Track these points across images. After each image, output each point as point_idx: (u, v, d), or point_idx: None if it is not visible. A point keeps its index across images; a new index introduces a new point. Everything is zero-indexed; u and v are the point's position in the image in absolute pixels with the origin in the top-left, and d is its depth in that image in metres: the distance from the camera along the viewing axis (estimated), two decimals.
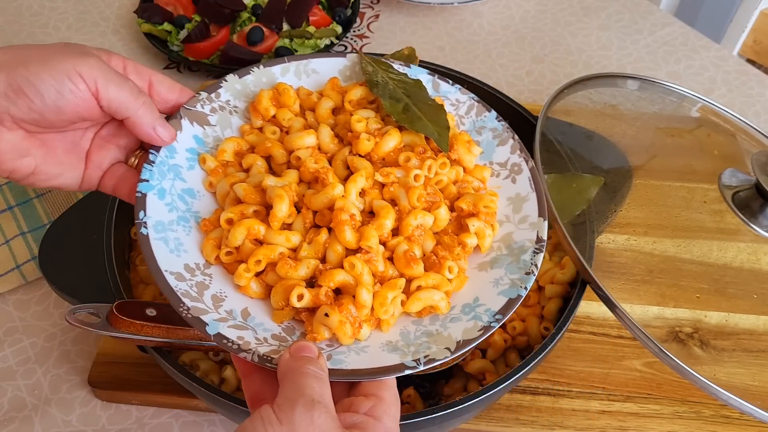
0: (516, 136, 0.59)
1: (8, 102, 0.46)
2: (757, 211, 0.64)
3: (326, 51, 0.95)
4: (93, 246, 0.60)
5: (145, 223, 0.49)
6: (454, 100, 0.61)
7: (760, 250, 0.64)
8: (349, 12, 1.01)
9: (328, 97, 0.59)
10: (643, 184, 0.68)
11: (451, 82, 0.62)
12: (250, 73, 0.59)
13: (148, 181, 0.51)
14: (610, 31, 1.05)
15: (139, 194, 0.50)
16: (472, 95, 0.62)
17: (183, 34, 0.94)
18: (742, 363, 0.61)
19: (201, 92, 0.57)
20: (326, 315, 0.46)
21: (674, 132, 0.76)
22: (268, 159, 0.55)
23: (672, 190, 0.69)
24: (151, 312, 0.52)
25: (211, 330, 0.44)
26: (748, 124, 0.73)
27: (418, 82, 0.60)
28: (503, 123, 0.60)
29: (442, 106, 0.58)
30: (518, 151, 0.58)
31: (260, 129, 0.57)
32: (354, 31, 1.04)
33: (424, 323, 0.49)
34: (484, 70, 0.98)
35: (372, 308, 0.48)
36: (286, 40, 0.95)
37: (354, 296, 0.47)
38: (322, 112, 0.58)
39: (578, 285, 0.59)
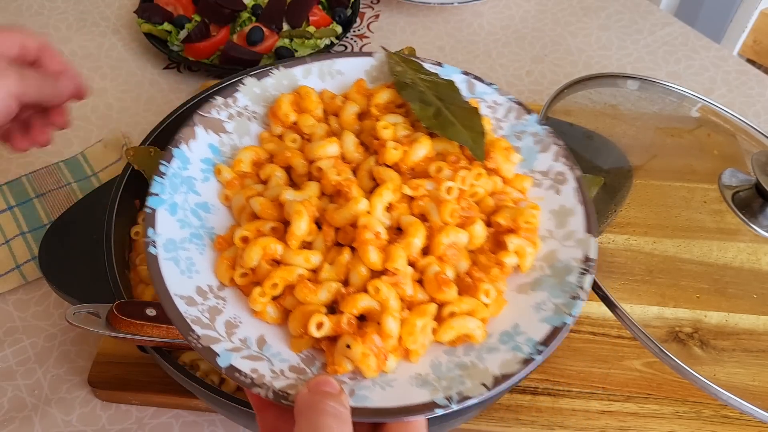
0: (560, 141, 0.53)
1: None
2: (757, 211, 0.64)
3: (326, 51, 0.95)
4: (93, 246, 0.60)
5: (154, 241, 0.45)
6: (491, 101, 0.56)
7: (760, 250, 0.64)
8: (349, 12, 1.01)
9: (353, 100, 0.54)
10: (643, 184, 0.68)
11: (487, 82, 0.57)
12: (269, 75, 0.55)
13: (158, 195, 0.47)
14: (610, 31, 1.05)
15: (148, 210, 0.46)
16: (511, 96, 0.56)
17: (183, 34, 0.94)
18: (742, 363, 0.61)
19: (217, 97, 0.53)
20: (348, 346, 0.42)
21: (674, 132, 0.76)
22: (289, 169, 0.51)
23: (672, 190, 0.68)
24: (151, 312, 0.51)
25: (222, 362, 0.41)
26: (748, 124, 0.73)
27: (451, 83, 0.55)
28: (546, 127, 0.54)
29: (476, 109, 0.53)
30: (563, 158, 0.53)
31: (280, 136, 0.53)
32: (354, 31, 1.04)
33: (458, 353, 0.44)
34: (484, 70, 0.98)
35: (399, 337, 0.43)
36: (286, 40, 0.95)
37: (379, 324, 0.43)
38: (346, 117, 0.53)
39: None
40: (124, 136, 0.84)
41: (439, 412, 0.40)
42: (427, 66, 0.57)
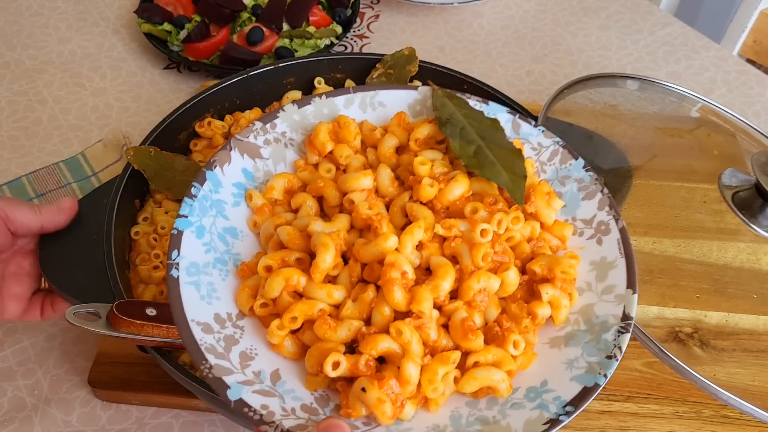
0: (606, 190, 0.52)
1: None
2: (757, 211, 0.64)
3: (326, 51, 0.95)
4: (93, 246, 0.60)
5: (177, 264, 0.44)
6: (535, 143, 0.55)
7: (760, 250, 0.64)
8: (349, 12, 1.01)
9: (393, 133, 0.53)
10: (643, 184, 0.68)
11: (534, 123, 0.55)
12: (310, 103, 0.55)
13: (187, 216, 0.46)
14: (610, 31, 1.05)
15: (175, 231, 0.45)
16: (558, 139, 0.55)
17: (183, 34, 0.94)
18: (742, 363, 0.61)
19: (256, 122, 0.52)
20: (363, 390, 0.40)
21: (674, 132, 0.76)
22: (321, 200, 0.50)
23: (672, 190, 0.68)
24: (151, 312, 0.51)
25: (232, 395, 0.39)
26: (748, 124, 0.73)
27: (495, 121, 0.54)
28: (592, 173, 0.52)
29: (520, 150, 0.51)
30: (607, 208, 0.51)
31: (315, 165, 0.52)
32: (354, 31, 1.04)
33: (480, 406, 0.42)
34: (484, 70, 0.98)
35: (419, 384, 0.41)
36: (286, 40, 0.94)
37: (399, 368, 0.41)
38: (384, 150, 0.52)
39: None
40: (124, 136, 0.84)
41: None
42: (473, 103, 0.55)
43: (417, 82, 0.72)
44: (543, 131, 0.55)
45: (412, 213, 0.47)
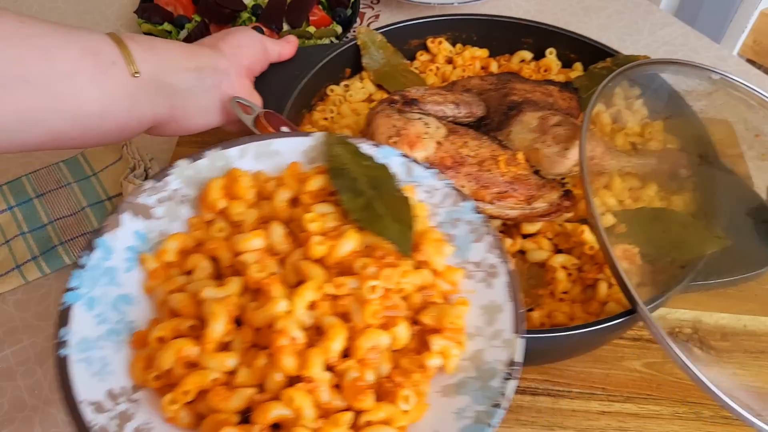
0: (495, 232, 0.51)
1: (236, 58, 0.66)
2: None
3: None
4: (291, 81, 0.75)
5: (65, 342, 0.42)
6: (428, 186, 0.53)
7: None
8: (349, 12, 1.01)
9: (287, 185, 0.52)
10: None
11: (426, 165, 0.54)
12: (204, 157, 0.52)
13: (76, 289, 0.44)
14: (610, 31, 1.05)
15: (62, 306, 0.44)
16: (449, 181, 0.54)
17: (183, 34, 0.95)
18: (742, 364, 0.61)
19: (147, 181, 0.51)
20: None
21: None
22: (216, 260, 0.49)
23: None
24: (285, 129, 0.63)
25: None
26: None
27: (384, 168, 0.53)
28: (481, 216, 0.52)
29: (407, 199, 0.50)
30: (497, 250, 0.50)
31: (210, 222, 0.51)
32: (354, 32, 1.04)
33: None
34: None
35: None
36: None
37: None
38: (277, 204, 0.51)
39: None
40: None
41: None
42: (365, 148, 0.54)
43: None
44: (435, 173, 0.54)
45: (303, 272, 0.46)
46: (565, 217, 0.65)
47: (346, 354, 0.44)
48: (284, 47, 0.74)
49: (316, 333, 0.45)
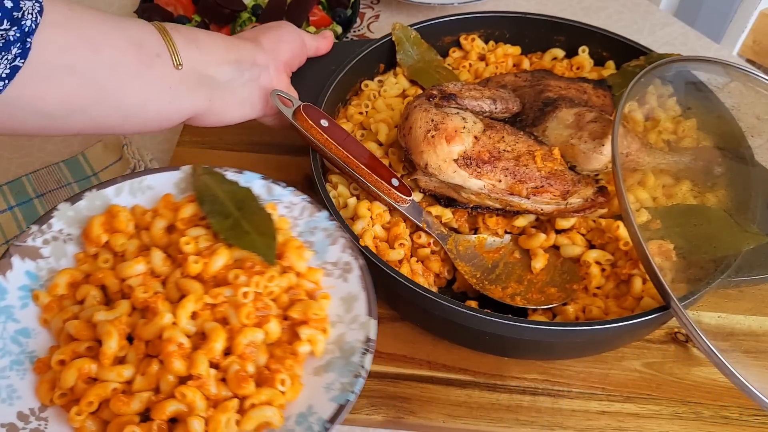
0: (347, 235, 0.59)
1: (275, 53, 0.66)
2: None
3: None
4: (327, 75, 0.74)
5: None
6: (287, 202, 0.62)
7: None
8: (349, 12, 1.00)
9: (162, 215, 0.59)
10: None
11: (284, 184, 0.63)
12: (82, 199, 0.59)
13: None
14: None
15: None
16: (305, 196, 0.62)
17: None
18: (741, 364, 0.61)
19: (32, 225, 0.57)
20: None
21: None
22: (105, 287, 0.55)
23: None
24: (324, 123, 0.62)
25: None
26: None
27: (248, 190, 0.60)
28: (334, 222, 0.60)
29: (270, 215, 0.58)
30: (349, 249, 0.58)
31: (95, 256, 0.57)
32: (354, 31, 1.04)
33: None
34: None
35: None
36: None
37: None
38: (155, 232, 0.58)
39: None
40: (124, 136, 0.84)
41: None
42: (229, 175, 0.62)
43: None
44: (292, 191, 0.62)
45: (183, 288, 0.54)
46: (600, 213, 0.65)
47: (228, 352, 0.52)
48: (321, 42, 0.75)
49: (201, 338, 0.52)
